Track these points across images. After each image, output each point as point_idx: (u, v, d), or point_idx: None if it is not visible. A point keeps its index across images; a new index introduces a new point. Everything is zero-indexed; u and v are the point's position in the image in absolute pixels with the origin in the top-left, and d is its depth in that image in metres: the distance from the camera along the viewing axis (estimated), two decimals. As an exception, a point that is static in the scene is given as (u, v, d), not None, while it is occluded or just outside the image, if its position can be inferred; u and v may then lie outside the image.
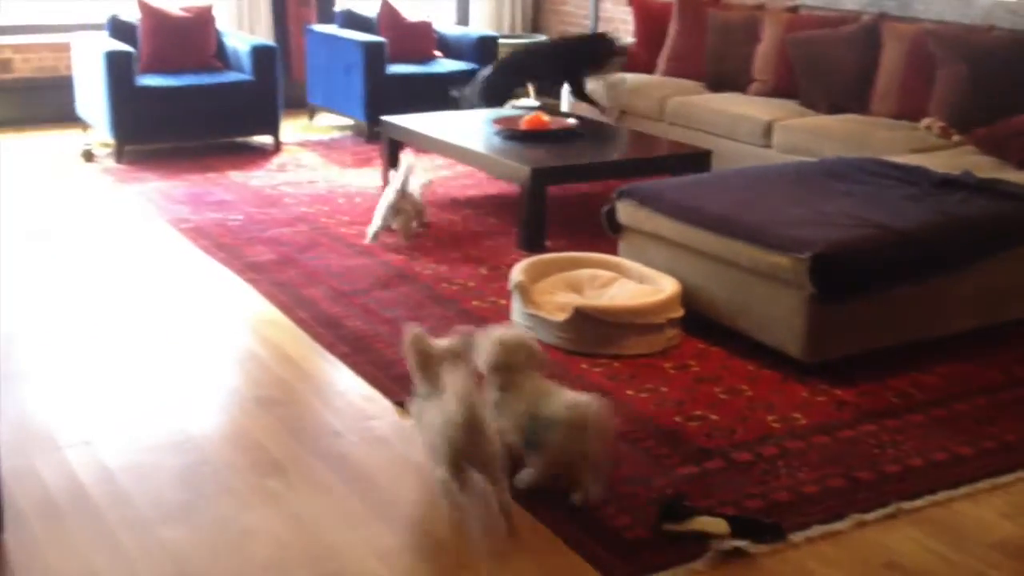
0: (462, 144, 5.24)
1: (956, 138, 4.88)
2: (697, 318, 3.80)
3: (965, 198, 3.86)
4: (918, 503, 2.79)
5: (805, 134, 5.23)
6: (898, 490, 2.84)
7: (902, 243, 3.53)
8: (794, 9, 6.25)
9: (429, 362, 2.73)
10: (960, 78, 4.98)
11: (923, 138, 4.91)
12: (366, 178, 5.95)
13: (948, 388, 3.44)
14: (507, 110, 6.15)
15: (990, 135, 4.57)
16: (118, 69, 6.04)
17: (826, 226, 3.55)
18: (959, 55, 5.01)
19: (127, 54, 6.11)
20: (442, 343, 2.78)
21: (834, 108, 5.49)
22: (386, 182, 5.72)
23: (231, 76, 6.49)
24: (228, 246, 4.75)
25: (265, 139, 6.65)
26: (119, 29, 6.55)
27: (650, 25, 6.73)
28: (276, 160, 6.36)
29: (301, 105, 7.43)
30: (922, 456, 3.01)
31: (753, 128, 5.49)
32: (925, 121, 5.04)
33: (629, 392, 3.37)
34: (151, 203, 5.41)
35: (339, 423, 3.18)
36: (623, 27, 7.65)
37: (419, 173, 5.03)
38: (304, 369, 3.56)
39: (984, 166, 4.33)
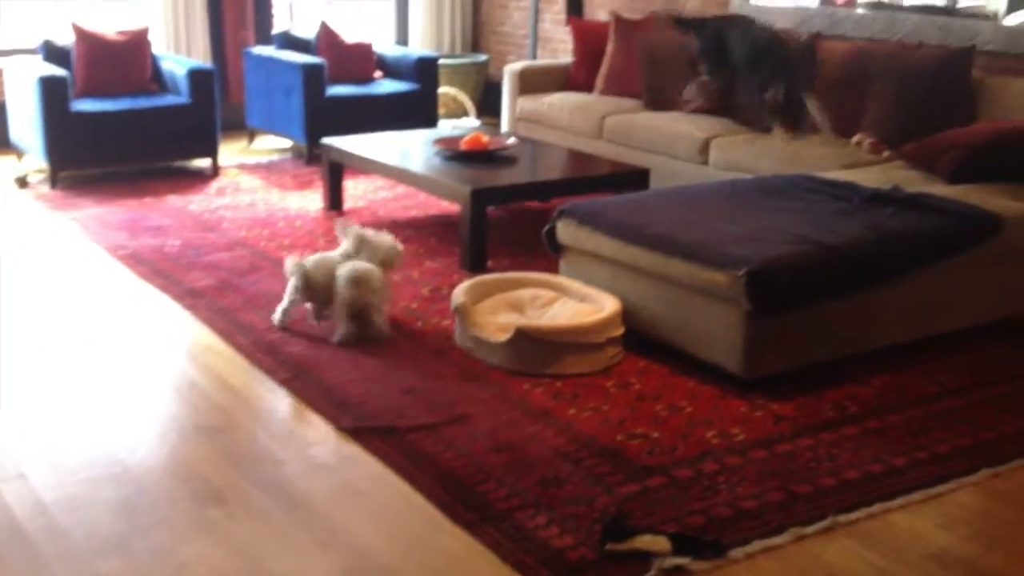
0: (402, 165, 5.24)
1: (886, 154, 4.98)
2: (638, 336, 3.83)
3: (895, 212, 3.94)
4: (854, 515, 2.83)
5: (741, 152, 5.30)
6: (835, 503, 2.88)
7: (835, 258, 3.60)
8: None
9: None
10: (891, 94, 5.10)
11: (854, 154, 5.00)
12: (307, 201, 5.93)
13: (882, 400, 3.50)
14: (447, 130, 6.17)
15: (919, 150, 4.67)
16: (52, 94, 5.96)
17: (761, 243, 3.61)
18: (889, 71, 5.12)
19: (61, 79, 6.04)
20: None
21: (768, 126, 5.57)
22: (327, 204, 5.71)
23: (168, 99, 6.43)
24: (166, 272, 4.70)
25: (203, 163, 6.60)
26: (53, 53, 6.46)
27: (588, 45, 6.80)
28: (215, 184, 6.31)
29: (240, 128, 7.39)
30: (858, 468, 3.06)
31: (690, 146, 5.56)
32: (856, 137, 5.15)
33: (572, 411, 3.39)
34: (87, 230, 5.34)
35: (280, 450, 3.16)
36: (562, 48, 7.73)
37: (374, 246, 4.07)
38: (244, 396, 3.54)
39: (913, 180, 4.42)
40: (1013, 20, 5.35)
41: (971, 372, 3.71)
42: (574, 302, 3.95)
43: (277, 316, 4.06)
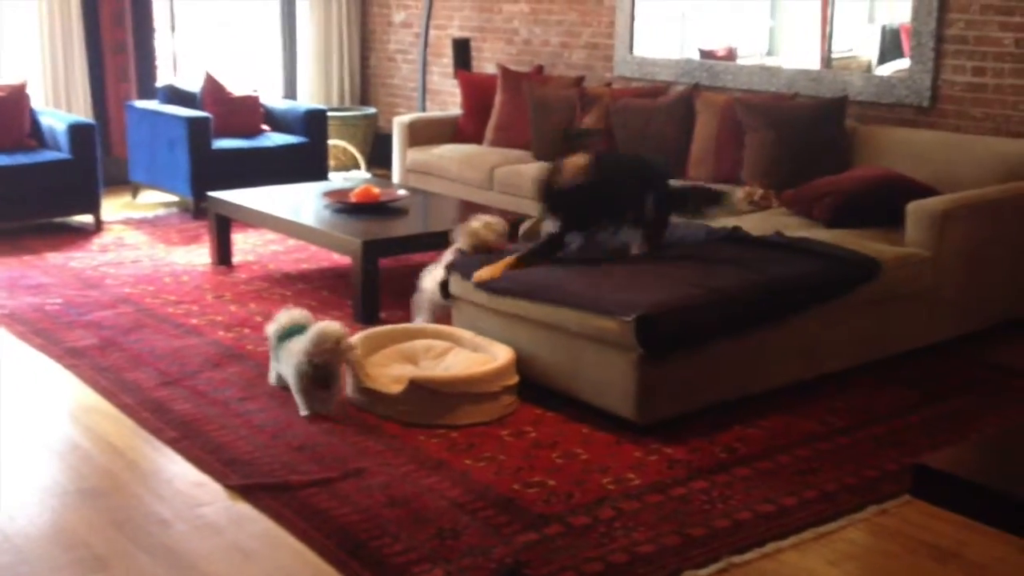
0: (292, 218, 5.19)
1: (776, 204, 5.08)
2: (533, 385, 3.84)
3: (778, 257, 4.05)
4: (748, 556, 2.87)
5: (629, 200, 5.39)
6: (729, 544, 2.92)
7: (722, 301, 3.67)
8: (609, 83, 6.49)
9: None
10: (768, 143, 5.26)
11: (738, 200, 5.11)
12: (193, 255, 5.82)
13: (771, 441, 3.57)
14: (337, 182, 6.14)
15: (798, 196, 4.82)
16: (-77, 150, 5.75)
17: (649, 288, 3.67)
18: (766, 122, 5.30)
19: (-67, 134, 5.83)
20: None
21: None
22: (215, 259, 5.61)
23: (47, 155, 6.26)
24: (46, 331, 4.55)
25: (86, 219, 6.43)
26: (-76, 108, 6.25)
27: (476, 97, 6.87)
28: (97, 240, 6.15)
29: (123, 183, 7.24)
30: (750, 509, 3.11)
31: (579, 195, 5.63)
32: (745, 189, 5.16)
33: (467, 462, 3.37)
34: (-39, 289, 5.14)
35: (167, 512, 3.06)
36: (451, 100, 7.79)
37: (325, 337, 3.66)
38: (129, 458, 3.43)
39: (793, 226, 4.56)
40: (884, 71, 5.60)
41: (855, 411, 3.81)
42: (467, 352, 3.95)
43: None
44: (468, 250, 4.31)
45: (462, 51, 7.37)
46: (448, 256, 4.32)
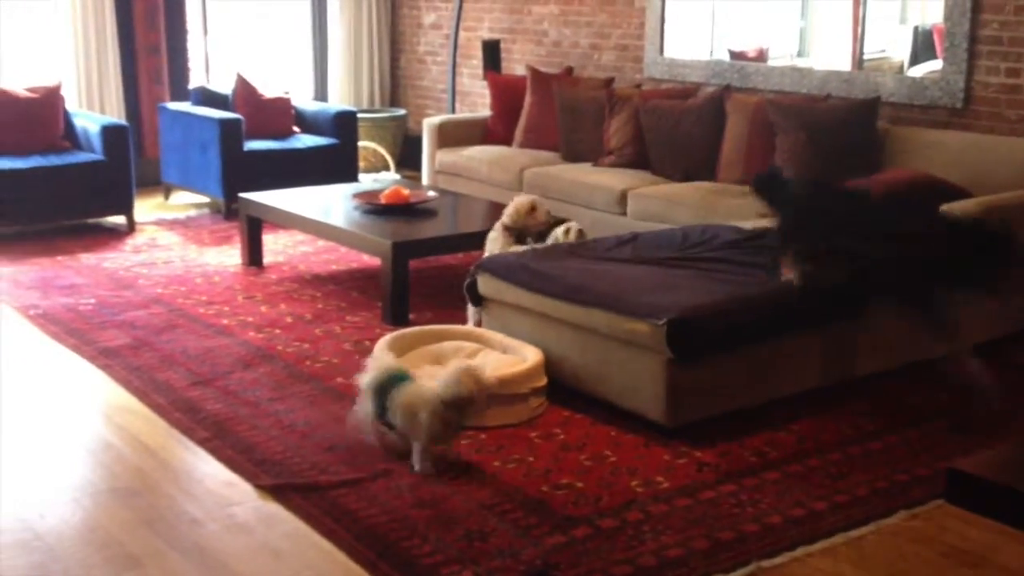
0: (322, 220, 5.22)
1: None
2: (561, 386, 3.84)
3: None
4: (777, 560, 2.86)
5: (657, 202, 5.39)
6: (758, 548, 2.90)
7: (751, 307, 3.66)
8: (638, 85, 6.48)
9: None
10: (799, 145, 5.23)
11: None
12: (224, 256, 5.86)
13: (801, 445, 3.55)
14: (367, 184, 6.17)
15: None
16: (-41, 152, 5.84)
17: (680, 291, 3.66)
18: (798, 123, 5.27)
19: (-31, 136, 5.91)
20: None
21: (684, 176, 5.68)
22: (246, 260, 5.65)
23: (80, 156, 6.33)
24: (80, 331, 4.60)
25: (118, 219, 6.49)
26: (-39, 110, 6.34)
27: (505, 99, 6.88)
28: (130, 241, 6.21)
29: (156, 184, 7.31)
30: (780, 513, 3.10)
31: (608, 197, 5.64)
32: None
33: (496, 464, 3.38)
34: (-3, 289, 5.21)
35: (198, 511, 3.09)
36: (480, 102, 7.80)
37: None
38: (161, 457, 3.46)
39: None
40: (916, 72, 5.55)
41: (887, 415, 3.79)
42: (497, 354, 3.95)
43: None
44: (511, 224, 4.56)
45: (492, 52, 7.37)
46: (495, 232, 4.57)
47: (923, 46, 5.61)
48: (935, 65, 5.37)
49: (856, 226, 3.46)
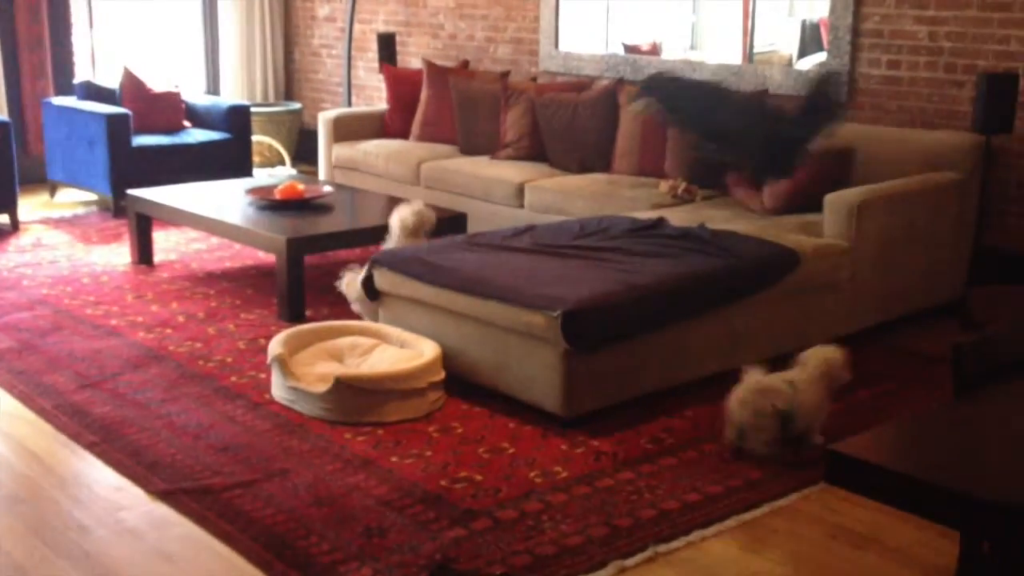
0: (215, 216, 5.12)
1: (699, 197, 5.14)
2: (459, 380, 3.84)
3: (701, 250, 4.09)
4: (674, 544, 2.90)
5: (555, 194, 5.42)
6: (655, 534, 2.95)
7: (646, 296, 3.70)
8: (534, 78, 6.50)
9: None
10: (690, 137, 5.30)
11: (661, 193, 5.17)
12: (113, 255, 5.71)
13: (697, 431, 3.61)
14: (262, 179, 6.08)
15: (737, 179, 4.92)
16: None
17: (575, 282, 3.68)
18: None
19: None
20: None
21: (580, 168, 5.73)
22: (135, 258, 5.52)
23: (-40, 153, 6.10)
24: (-40, 335, 4.43)
25: (1, 219, 6.27)
26: None
27: (402, 92, 6.83)
28: (14, 241, 6.00)
29: (41, 181, 7.08)
30: (676, 499, 3.14)
31: (506, 190, 5.65)
32: (667, 184, 5.21)
33: (394, 459, 3.36)
34: None
35: (87, 518, 3.00)
36: (376, 95, 7.74)
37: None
38: (48, 463, 3.35)
39: (718, 218, 4.60)
40: (804, 65, 5.68)
41: (777, 400, 3.87)
42: (394, 349, 3.93)
43: None
44: (401, 233, 4.51)
45: (387, 46, 7.32)
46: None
47: (811, 39, 5.75)
48: (822, 58, 5.50)
49: (730, 109, 4.11)
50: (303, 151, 8.08)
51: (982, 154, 4.72)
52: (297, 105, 8.33)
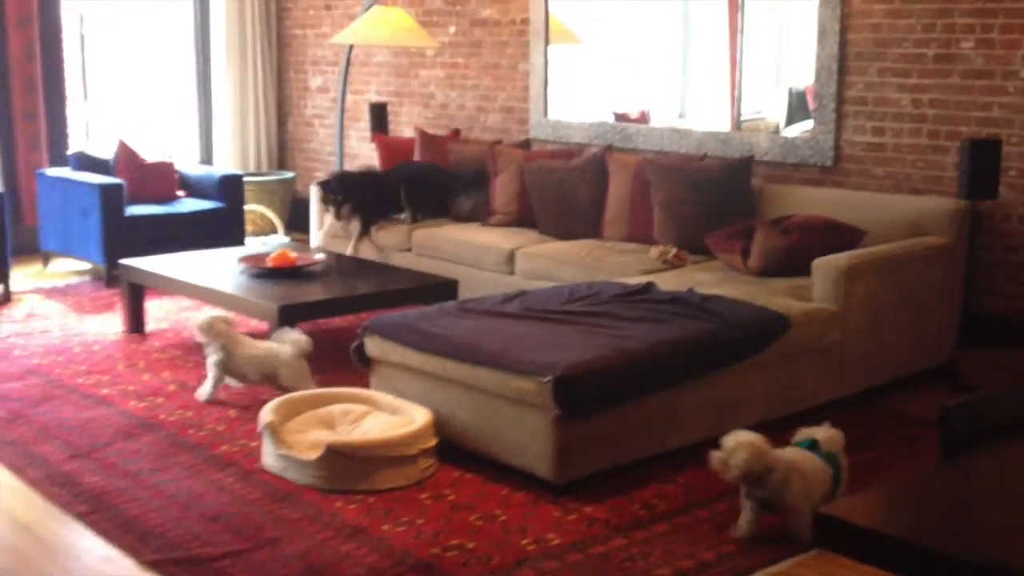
0: (208, 285, 5.14)
1: (690, 262, 5.18)
2: (451, 446, 3.83)
3: (691, 315, 4.11)
4: (667, 612, 2.89)
5: (545, 260, 5.46)
6: (648, 601, 2.93)
7: (637, 362, 3.71)
8: (525, 144, 6.59)
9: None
10: (677, 202, 5.37)
11: (652, 259, 5.20)
12: (105, 324, 5.72)
13: (689, 496, 3.60)
14: (254, 247, 6.11)
15: (719, 241, 4.96)
16: None
17: (565, 348, 3.70)
18: (674, 182, 5.41)
19: None
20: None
21: (569, 235, 5.77)
22: (128, 327, 5.53)
23: (-46, 224, 6.13)
24: (-50, 405, 4.42)
25: (-6, 289, 6.29)
26: None
27: (394, 160, 6.90)
28: (6, 311, 6.01)
29: (34, 251, 7.11)
30: (669, 565, 3.13)
31: (497, 256, 5.69)
32: (658, 249, 5.25)
33: (385, 527, 3.34)
34: None
35: (75, 589, 2.98)
36: (369, 163, 7.82)
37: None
38: (38, 533, 3.33)
39: (708, 282, 4.64)
40: (791, 132, 5.76)
41: (770, 464, 3.86)
42: (386, 415, 3.93)
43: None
44: (209, 341, 4.51)
45: (379, 115, 7.42)
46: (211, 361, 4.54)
47: (798, 107, 5.84)
48: (809, 125, 5.59)
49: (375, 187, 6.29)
50: (296, 220, 8.13)
51: (967, 219, 4.78)
52: (290, 174, 8.41)
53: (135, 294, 5.52)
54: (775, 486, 3.24)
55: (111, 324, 5.70)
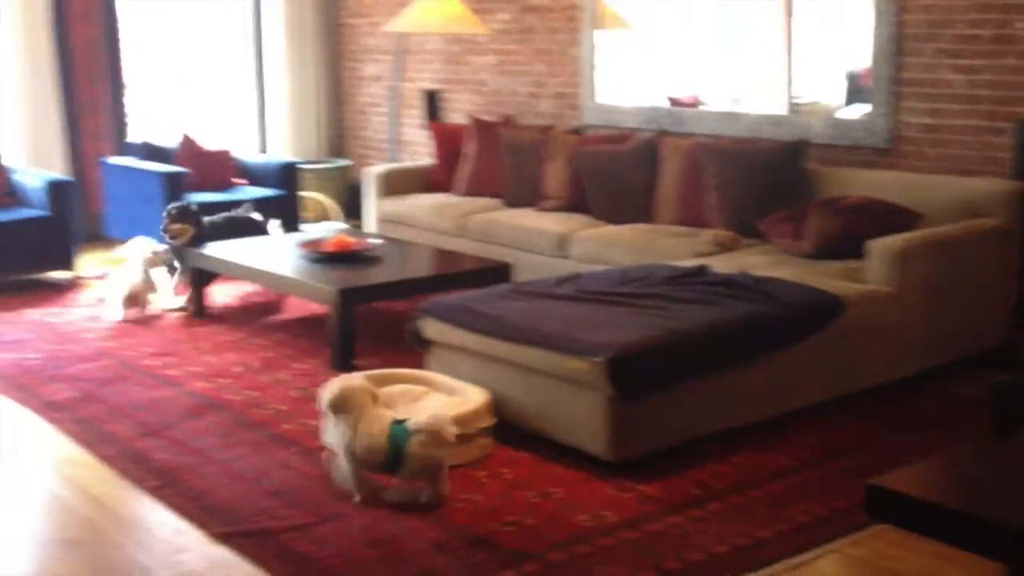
0: (269, 269, 5.26)
1: (742, 245, 5.19)
2: (508, 426, 3.91)
3: (745, 296, 4.14)
4: (722, 587, 2.94)
5: (598, 244, 5.51)
6: (703, 576, 2.98)
7: (688, 343, 3.75)
8: (578, 130, 6.63)
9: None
10: (729, 186, 5.39)
11: (705, 242, 5.23)
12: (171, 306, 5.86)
13: (743, 476, 3.64)
14: (313, 233, 6.23)
15: (770, 223, 4.97)
16: (-101, 209, 5.82)
17: (618, 329, 3.75)
18: (726, 165, 5.43)
19: (-91, 194, 5.89)
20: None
21: (622, 219, 5.81)
22: (193, 311, 5.68)
23: (24, 212, 6.33)
24: (26, 386, 4.58)
25: (63, 274, 6.47)
26: (-101, 168, 6.33)
27: (448, 147, 6.99)
28: (75, 295, 6.19)
29: (101, 238, 7.30)
30: (725, 543, 3.17)
31: (549, 241, 5.75)
32: (711, 231, 5.28)
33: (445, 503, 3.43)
34: (-61, 347, 5.18)
35: (148, 559, 3.10)
36: (421, 150, 7.91)
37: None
38: (110, 507, 3.46)
39: (761, 265, 4.66)
40: (849, 115, 5.74)
41: (825, 445, 3.89)
42: (443, 396, 4.01)
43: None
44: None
45: (432, 102, 7.50)
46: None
47: (855, 90, 5.81)
48: (865, 108, 5.57)
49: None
50: (352, 206, 8.24)
51: (1023, 200, 4.75)
52: (346, 161, 8.52)
53: (199, 278, 5.66)
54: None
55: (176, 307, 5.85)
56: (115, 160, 7.17)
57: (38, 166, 7.19)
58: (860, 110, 5.68)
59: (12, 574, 3.03)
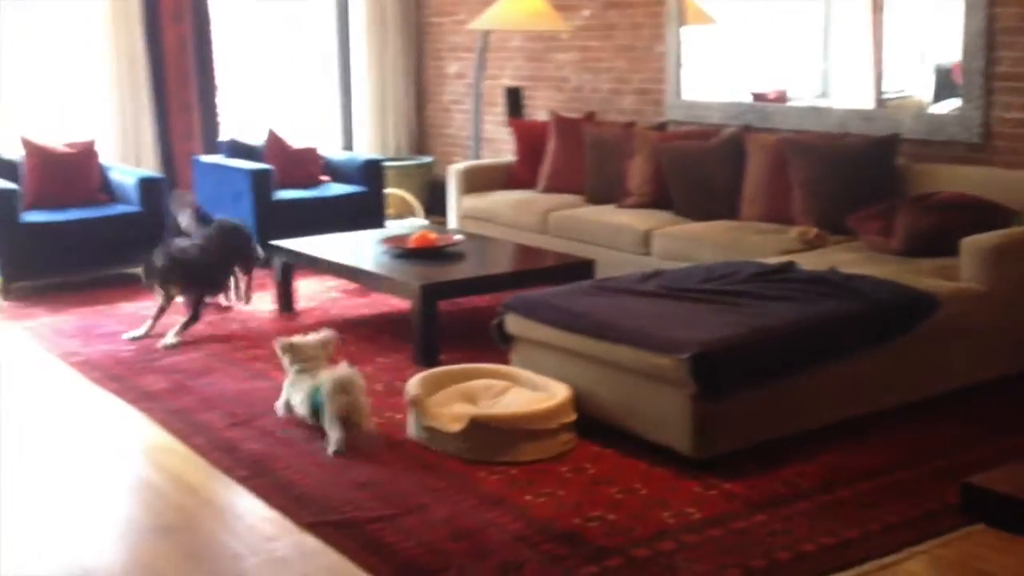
0: (353, 264, 5.33)
1: (829, 242, 5.12)
2: (590, 421, 3.90)
3: (833, 294, 4.07)
4: (809, 587, 2.90)
5: (682, 241, 5.47)
6: None
7: (774, 341, 3.71)
8: (662, 126, 6.59)
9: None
10: (817, 182, 5.31)
11: (791, 239, 5.16)
12: (258, 302, 5.97)
13: (831, 475, 3.58)
14: (396, 229, 6.29)
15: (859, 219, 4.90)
16: (2, 206, 6.02)
17: (703, 326, 3.72)
18: (814, 160, 5.35)
19: (10, 192, 6.11)
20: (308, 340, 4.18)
21: (706, 215, 5.76)
22: (279, 306, 5.77)
23: (117, 208, 6.52)
24: (120, 377, 4.71)
25: (153, 269, 6.63)
26: (1, 167, 6.53)
27: (529, 144, 7.00)
28: (166, 289, 6.33)
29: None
30: (812, 542, 3.13)
31: (632, 237, 5.73)
32: (797, 229, 5.21)
33: (527, 497, 3.44)
34: (40, 338, 5.35)
35: (240, 546, 3.17)
36: (503, 147, 7.94)
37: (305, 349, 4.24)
38: (202, 495, 3.54)
39: (849, 262, 4.58)
40: (939, 109, 5.61)
41: (915, 446, 3.81)
42: (526, 391, 4.02)
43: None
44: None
45: (514, 99, 7.52)
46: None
47: (944, 84, 5.68)
48: (956, 103, 5.44)
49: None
50: (434, 203, 8.31)
51: (1124, 196, 4.60)
52: (428, 158, 8.59)
53: (286, 274, 5.77)
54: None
55: (264, 302, 5.96)
56: (205, 158, 7.33)
57: (131, 164, 7.38)
58: (949, 105, 5.55)
59: (108, 560, 3.12)
